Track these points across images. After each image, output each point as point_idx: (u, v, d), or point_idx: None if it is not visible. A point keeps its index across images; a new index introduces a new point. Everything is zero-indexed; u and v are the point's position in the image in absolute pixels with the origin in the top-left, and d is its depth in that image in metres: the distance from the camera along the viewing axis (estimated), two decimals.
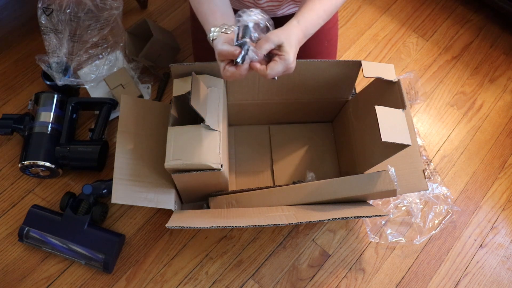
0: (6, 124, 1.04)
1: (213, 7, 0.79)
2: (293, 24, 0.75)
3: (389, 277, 1.03)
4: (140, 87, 1.19)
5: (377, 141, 0.74)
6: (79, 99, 1.10)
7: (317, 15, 0.78)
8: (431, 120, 1.26)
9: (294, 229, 1.06)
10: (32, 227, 0.97)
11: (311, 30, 0.78)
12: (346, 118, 1.06)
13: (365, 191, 0.83)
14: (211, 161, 0.80)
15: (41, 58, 1.13)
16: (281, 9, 0.99)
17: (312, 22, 0.78)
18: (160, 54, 1.18)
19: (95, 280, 0.98)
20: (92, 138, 1.07)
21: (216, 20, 0.77)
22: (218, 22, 0.76)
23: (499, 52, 1.40)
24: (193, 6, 0.82)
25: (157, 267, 1.00)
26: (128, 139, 0.91)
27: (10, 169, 1.10)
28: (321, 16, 0.79)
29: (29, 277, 0.98)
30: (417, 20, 1.44)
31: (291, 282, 1.00)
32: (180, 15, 1.38)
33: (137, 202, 0.85)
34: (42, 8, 1.11)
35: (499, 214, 1.13)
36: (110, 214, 1.05)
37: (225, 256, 1.02)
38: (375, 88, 0.94)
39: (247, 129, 1.16)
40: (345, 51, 1.37)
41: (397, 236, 1.07)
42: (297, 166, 1.11)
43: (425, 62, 1.36)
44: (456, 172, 1.18)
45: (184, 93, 0.87)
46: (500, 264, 1.07)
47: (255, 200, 0.91)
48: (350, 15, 1.43)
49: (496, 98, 1.31)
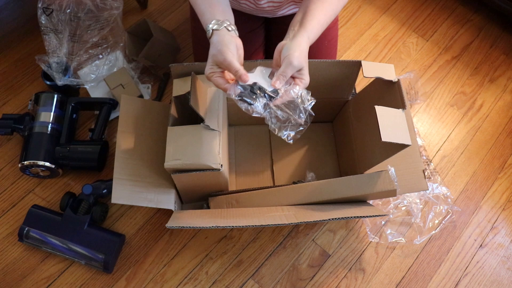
0: (6, 124, 1.04)
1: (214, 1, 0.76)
2: (305, 40, 0.73)
3: (389, 277, 1.03)
4: (140, 87, 1.19)
5: (377, 141, 0.74)
6: (79, 99, 1.10)
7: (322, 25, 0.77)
8: (431, 120, 1.26)
9: (294, 229, 1.06)
10: (32, 227, 0.97)
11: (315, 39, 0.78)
12: (346, 118, 1.06)
13: (365, 191, 0.83)
14: (211, 161, 0.80)
15: (41, 58, 1.13)
16: (282, 9, 0.99)
17: (318, 32, 0.77)
18: (160, 54, 1.18)
19: (95, 280, 0.98)
20: (92, 138, 1.07)
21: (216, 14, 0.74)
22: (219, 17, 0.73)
23: (499, 52, 1.40)
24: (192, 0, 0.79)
25: (157, 267, 1.00)
26: (128, 139, 0.91)
27: (10, 169, 1.10)
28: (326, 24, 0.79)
29: (29, 277, 0.98)
30: (417, 20, 1.44)
31: (291, 282, 1.00)
32: (180, 15, 1.38)
33: (137, 202, 0.85)
34: (42, 8, 1.11)
35: (499, 214, 1.13)
36: (110, 214, 1.05)
37: (225, 256, 1.02)
38: (375, 88, 0.94)
39: (247, 129, 1.16)
40: (345, 51, 1.37)
41: (397, 236, 1.07)
42: (297, 166, 1.11)
43: (425, 62, 1.36)
44: (456, 172, 1.18)
45: (184, 93, 0.87)
46: (500, 264, 1.07)
47: (255, 200, 0.91)
48: (350, 15, 1.43)
49: (496, 98, 1.31)
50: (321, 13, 0.76)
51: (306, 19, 0.76)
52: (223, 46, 0.69)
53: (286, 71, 0.70)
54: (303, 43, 0.73)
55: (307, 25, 0.75)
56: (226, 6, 0.78)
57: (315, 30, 0.76)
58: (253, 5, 0.95)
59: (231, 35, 0.72)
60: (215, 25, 0.71)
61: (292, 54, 0.70)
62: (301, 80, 0.72)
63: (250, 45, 1.06)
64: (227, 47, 0.69)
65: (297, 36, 0.73)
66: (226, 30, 0.72)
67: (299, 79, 0.73)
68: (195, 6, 0.78)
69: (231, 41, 0.70)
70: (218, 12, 0.74)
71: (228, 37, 0.71)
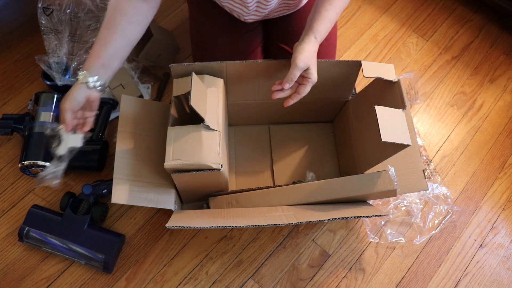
0: (6, 124, 1.04)
1: (101, 52, 0.78)
2: (311, 41, 0.80)
3: (389, 277, 1.03)
4: (140, 87, 1.19)
5: (377, 141, 0.74)
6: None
7: (330, 21, 0.83)
8: (431, 120, 1.26)
9: (294, 229, 1.06)
10: (32, 227, 0.97)
11: (324, 37, 0.84)
12: (346, 118, 1.06)
13: (365, 191, 0.83)
14: (211, 161, 0.80)
15: (41, 58, 1.13)
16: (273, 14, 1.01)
17: (325, 31, 0.83)
18: (160, 54, 1.18)
19: (95, 280, 0.98)
20: (92, 138, 1.07)
21: (93, 65, 0.77)
22: (93, 69, 0.77)
23: (499, 52, 1.40)
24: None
25: (157, 267, 1.00)
26: (128, 139, 0.91)
27: (10, 169, 1.10)
28: (333, 21, 0.83)
29: (29, 277, 0.98)
30: (417, 20, 1.44)
31: (291, 282, 1.00)
32: (180, 15, 1.38)
33: (137, 202, 0.85)
34: (42, 8, 1.11)
35: (499, 214, 1.13)
36: (110, 214, 1.05)
37: (225, 256, 1.02)
38: (375, 88, 0.94)
39: (247, 129, 1.16)
40: (345, 51, 1.37)
41: (397, 236, 1.07)
42: (297, 166, 1.11)
43: (425, 62, 1.36)
44: (456, 172, 1.18)
45: (184, 93, 0.87)
46: (500, 264, 1.07)
47: (255, 200, 0.91)
48: (350, 15, 1.43)
49: (496, 98, 1.31)
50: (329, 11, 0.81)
51: (314, 18, 0.81)
52: (68, 96, 0.78)
53: (293, 73, 0.78)
54: (310, 44, 0.80)
55: (314, 24, 0.81)
56: (111, 59, 0.79)
57: (323, 29, 0.82)
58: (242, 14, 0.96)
59: (85, 92, 0.78)
60: (81, 76, 0.77)
61: (298, 56, 0.78)
62: (308, 80, 0.80)
63: (249, 45, 1.07)
64: (70, 99, 0.77)
65: (304, 38, 0.81)
66: (85, 86, 0.77)
67: (306, 78, 0.80)
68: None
69: (78, 96, 0.78)
70: (97, 64, 0.78)
71: (79, 92, 0.77)
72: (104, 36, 0.78)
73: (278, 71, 0.93)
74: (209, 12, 1.04)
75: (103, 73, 0.79)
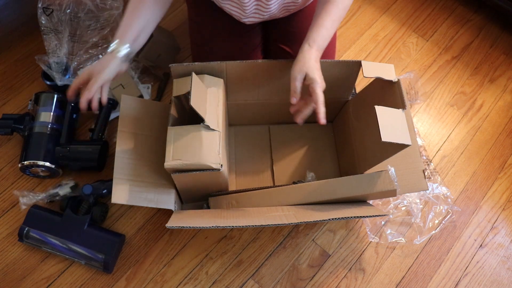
0: (6, 124, 1.04)
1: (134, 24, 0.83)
2: (305, 49, 0.81)
3: (389, 277, 1.03)
4: (140, 87, 1.19)
5: (377, 141, 0.74)
6: (79, 99, 1.10)
7: (325, 28, 0.82)
8: (431, 120, 1.26)
9: (294, 229, 1.06)
10: (32, 227, 0.97)
11: (325, 43, 0.83)
12: (346, 118, 1.06)
13: (365, 191, 0.83)
14: (211, 161, 0.80)
15: (41, 58, 1.13)
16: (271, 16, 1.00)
17: (321, 37, 0.82)
18: (160, 54, 1.18)
19: (95, 280, 0.98)
20: (92, 138, 1.07)
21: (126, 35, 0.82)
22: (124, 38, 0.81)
23: (499, 52, 1.40)
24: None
25: (157, 267, 1.00)
26: (128, 139, 0.91)
27: (10, 169, 1.10)
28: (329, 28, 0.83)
29: (29, 277, 0.98)
30: (417, 20, 1.44)
31: (291, 282, 1.00)
32: (180, 15, 1.38)
33: (137, 202, 0.85)
34: (42, 8, 1.12)
35: (499, 214, 1.13)
36: (110, 214, 1.05)
37: (225, 256, 1.02)
38: (375, 88, 0.94)
39: (247, 129, 1.16)
40: (345, 51, 1.37)
41: (397, 236, 1.07)
42: (297, 166, 1.11)
43: (425, 62, 1.36)
44: (456, 172, 1.18)
45: (184, 93, 0.87)
46: (500, 264, 1.07)
47: (255, 200, 0.91)
48: (350, 15, 1.43)
49: (496, 98, 1.31)
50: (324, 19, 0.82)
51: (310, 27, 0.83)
52: (102, 68, 0.81)
53: (292, 85, 0.79)
54: (303, 52, 0.80)
55: (309, 33, 0.82)
56: (141, 32, 0.85)
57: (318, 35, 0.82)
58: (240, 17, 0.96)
59: (118, 66, 0.82)
60: (114, 45, 0.81)
61: (293, 68, 0.79)
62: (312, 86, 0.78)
63: (249, 45, 1.07)
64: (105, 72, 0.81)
65: (301, 47, 0.81)
66: (118, 59, 0.81)
67: (309, 86, 0.79)
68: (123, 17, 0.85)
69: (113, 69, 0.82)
70: (129, 34, 0.82)
71: (113, 66, 0.81)
72: (134, 8, 0.83)
73: (278, 71, 0.93)
74: (209, 13, 1.04)
75: (132, 45, 0.83)
